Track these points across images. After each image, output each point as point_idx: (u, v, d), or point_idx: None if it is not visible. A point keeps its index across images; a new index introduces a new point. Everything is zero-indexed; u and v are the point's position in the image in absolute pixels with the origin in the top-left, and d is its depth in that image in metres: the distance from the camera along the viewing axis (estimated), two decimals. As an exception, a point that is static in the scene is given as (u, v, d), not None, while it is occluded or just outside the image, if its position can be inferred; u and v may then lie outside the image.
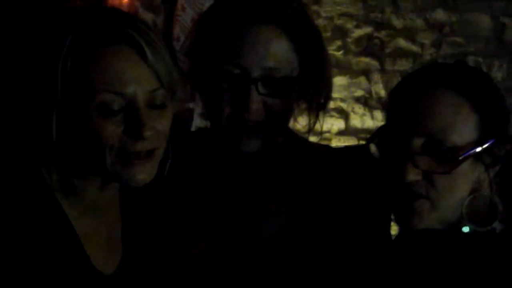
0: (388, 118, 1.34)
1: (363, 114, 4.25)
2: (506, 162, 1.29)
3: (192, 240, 1.38)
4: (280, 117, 1.34)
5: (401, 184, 1.25)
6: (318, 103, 1.41)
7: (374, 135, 1.33)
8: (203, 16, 1.41)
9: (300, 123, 1.45)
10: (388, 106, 1.35)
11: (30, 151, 1.21)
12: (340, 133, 4.29)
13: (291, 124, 1.48)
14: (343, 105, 4.28)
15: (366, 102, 4.23)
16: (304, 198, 1.39)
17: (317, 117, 1.42)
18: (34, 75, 1.17)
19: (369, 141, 1.33)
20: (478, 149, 1.25)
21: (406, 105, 1.28)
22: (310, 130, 1.43)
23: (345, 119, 4.28)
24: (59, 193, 1.21)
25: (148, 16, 3.05)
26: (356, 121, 4.26)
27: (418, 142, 1.24)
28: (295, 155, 1.43)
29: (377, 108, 4.21)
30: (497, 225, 1.28)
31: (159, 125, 1.20)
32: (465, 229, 1.28)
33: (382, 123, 1.40)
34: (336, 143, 4.21)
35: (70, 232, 1.21)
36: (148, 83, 1.18)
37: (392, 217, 1.35)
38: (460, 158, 1.23)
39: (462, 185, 1.27)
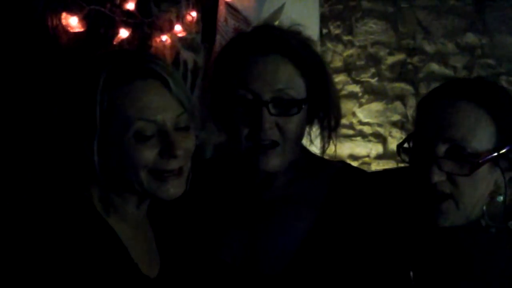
0: (416, 126, 1.48)
1: (401, 138, 4.30)
2: None
3: (221, 249, 1.54)
4: (292, 135, 1.50)
5: (427, 186, 1.40)
6: (329, 125, 1.56)
7: (404, 141, 1.47)
8: (219, 53, 1.60)
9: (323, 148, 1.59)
10: (416, 116, 1.50)
11: (73, 180, 1.38)
12: (379, 157, 4.38)
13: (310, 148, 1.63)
14: (381, 130, 4.38)
15: (403, 126, 4.33)
16: (323, 212, 1.52)
17: (329, 138, 1.57)
18: (74, 111, 1.33)
19: (399, 146, 1.48)
20: (495, 155, 1.39)
21: (432, 115, 1.43)
22: (324, 151, 1.58)
23: (383, 143, 4.38)
24: (103, 213, 1.38)
25: (189, 55, 3.22)
26: (394, 145, 4.32)
27: (442, 147, 1.39)
28: (312, 171, 1.58)
29: (414, 132, 4.28)
30: (510, 225, 1.41)
31: (186, 145, 1.38)
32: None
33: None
34: (375, 167, 4.31)
35: (119, 245, 1.37)
36: (174, 109, 1.37)
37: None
38: (480, 162, 1.38)
39: (481, 185, 1.41)
